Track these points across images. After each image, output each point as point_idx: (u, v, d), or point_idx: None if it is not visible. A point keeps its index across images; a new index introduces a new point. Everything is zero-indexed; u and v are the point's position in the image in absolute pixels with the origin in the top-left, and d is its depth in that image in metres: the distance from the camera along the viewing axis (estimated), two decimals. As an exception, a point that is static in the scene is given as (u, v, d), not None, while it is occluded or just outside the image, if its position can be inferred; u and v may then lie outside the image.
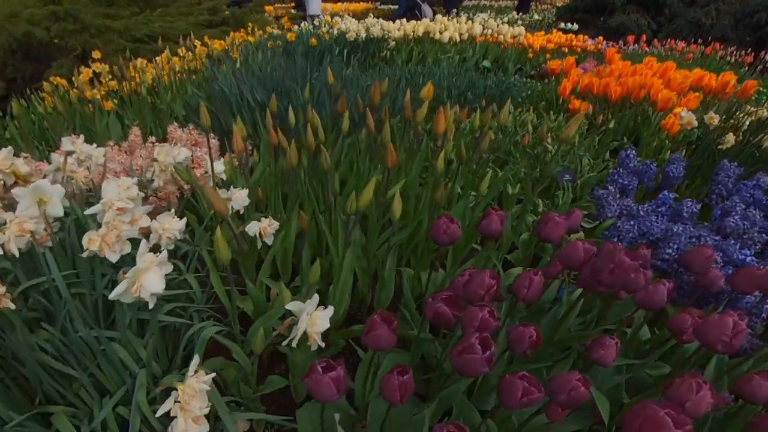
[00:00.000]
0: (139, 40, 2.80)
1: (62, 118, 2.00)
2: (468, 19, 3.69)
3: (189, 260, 1.17)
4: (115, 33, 2.57)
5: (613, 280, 0.73)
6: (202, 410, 0.69)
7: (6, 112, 2.14)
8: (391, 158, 1.02)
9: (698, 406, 0.64)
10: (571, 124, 1.06)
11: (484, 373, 0.63)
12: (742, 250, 1.23)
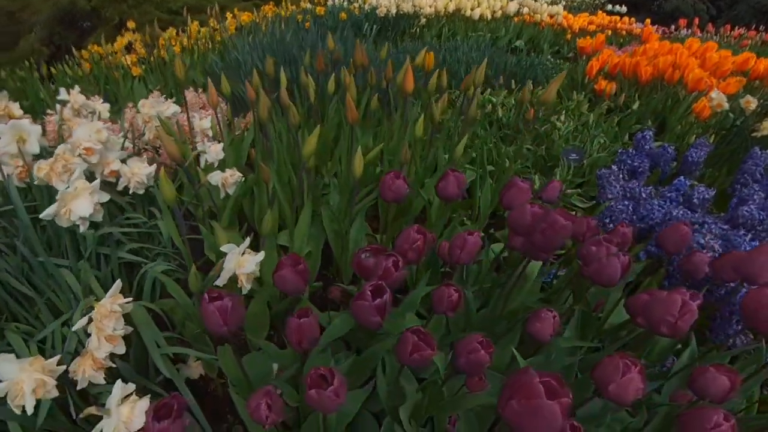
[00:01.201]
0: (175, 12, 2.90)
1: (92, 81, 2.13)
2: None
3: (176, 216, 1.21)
4: (151, 4, 2.69)
5: (544, 240, 0.66)
6: (116, 331, 0.70)
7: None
8: (351, 115, 0.99)
9: (624, 390, 0.58)
10: (551, 86, 0.98)
11: (377, 324, 0.60)
12: (752, 241, 1.10)
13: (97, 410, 0.61)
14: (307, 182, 1.01)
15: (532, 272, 0.90)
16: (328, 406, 0.53)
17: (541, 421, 0.43)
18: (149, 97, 1.65)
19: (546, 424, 0.43)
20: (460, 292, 0.68)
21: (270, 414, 0.58)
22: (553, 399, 0.42)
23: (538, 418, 0.43)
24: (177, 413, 0.57)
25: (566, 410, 0.43)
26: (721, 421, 0.53)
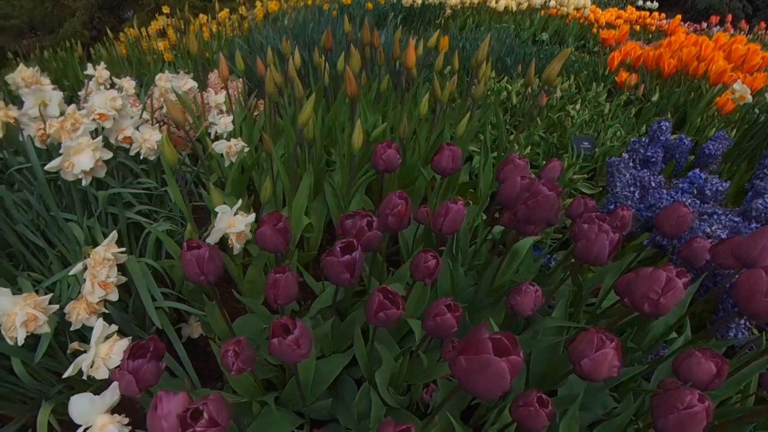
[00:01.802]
0: (212, 0, 2.95)
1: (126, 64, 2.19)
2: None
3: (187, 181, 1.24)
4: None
5: (527, 211, 0.63)
6: (109, 278, 0.72)
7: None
8: (351, 88, 0.97)
9: (597, 366, 0.54)
10: (553, 63, 0.93)
11: (346, 281, 0.58)
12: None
13: (79, 346, 0.62)
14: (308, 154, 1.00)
15: (522, 248, 0.86)
16: (289, 355, 0.52)
17: (489, 378, 0.41)
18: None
19: (493, 381, 0.41)
20: (438, 258, 0.66)
21: (236, 361, 0.57)
22: (502, 356, 0.40)
23: (485, 374, 0.41)
24: (153, 354, 0.58)
25: (516, 369, 0.41)
26: (694, 402, 0.48)
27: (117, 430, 0.56)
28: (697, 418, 0.48)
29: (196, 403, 0.51)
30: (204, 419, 0.49)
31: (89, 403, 0.57)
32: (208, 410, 0.50)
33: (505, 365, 0.39)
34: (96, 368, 0.60)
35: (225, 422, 0.52)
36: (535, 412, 0.55)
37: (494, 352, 0.39)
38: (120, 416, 0.58)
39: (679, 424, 0.49)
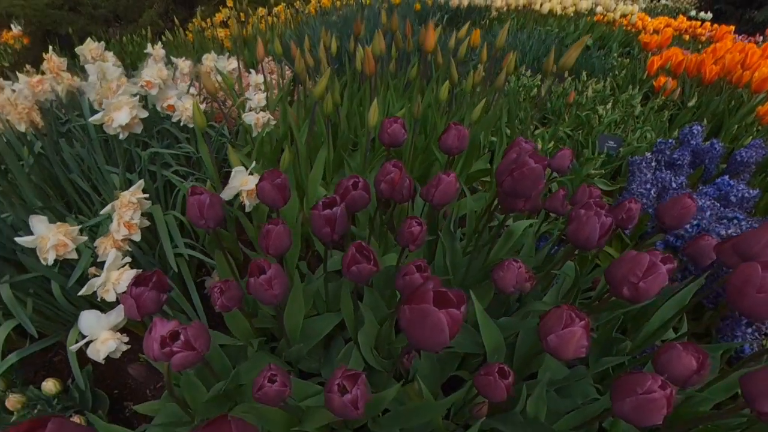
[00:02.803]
0: (272, -5, 3.04)
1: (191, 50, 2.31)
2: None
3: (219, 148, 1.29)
4: (250, -14, 2.83)
5: (513, 183, 0.60)
6: (133, 220, 0.76)
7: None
8: (369, 66, 0.96)
9: (564, 343, 0.51)
10: (570, 51, 0.87)
11: (327, 235, 0.58)
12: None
13: (95, 270, 0.66)
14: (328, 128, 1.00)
15: (516, 230, 0.82)
16: (261, 294, 0.53)
17: (428, 329, 0.39)
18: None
19: (432, 333, 0.39)
20: (422, 226, 0.64)
21: (221, 298, 0.59)
22: (442, 308, 0.38)
23: (424, 325, 0.39)
24: (154, 285, 0.61)
25: (456, 323, 0.39)
26: (654, 387, 0.44)
27: (116, 344, 0.60)
28: (655, 404, 0.43)
29: (177, 327, 0.53)
30: (180, 341, 0.52)
31: (96, 319, 0.61)
32: (185, 334, 0.52)
33: (443, 317, 0.37)
34: (106, 291, 0.64)
35: (201, 348, 0.53)
36: (494, 382, 0.53)
37: (435, 304, 0.38)
38: (121, 335, 0.61)
39: (636, 408, 0.44)
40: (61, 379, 0.85)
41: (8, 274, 0.79)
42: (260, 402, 0.45)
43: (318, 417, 0.58)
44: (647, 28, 2.78)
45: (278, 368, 0.46)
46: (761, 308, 0.51)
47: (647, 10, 3.83)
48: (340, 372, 0.44)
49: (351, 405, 0.42)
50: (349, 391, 0.43)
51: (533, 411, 0.60)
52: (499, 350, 0.67)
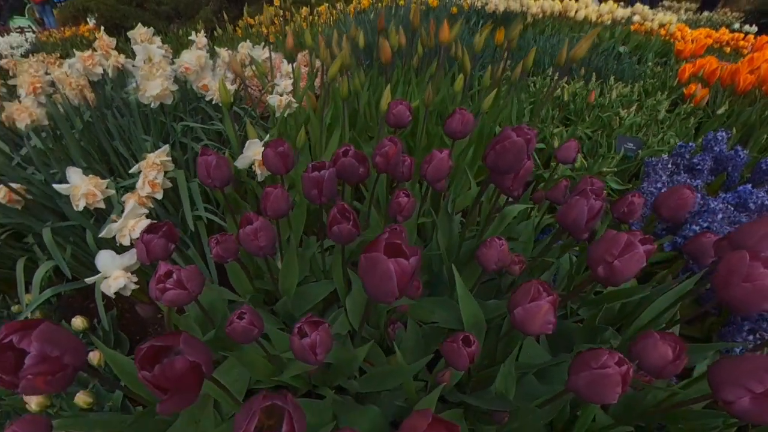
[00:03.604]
0: (317, -4, 3.10)
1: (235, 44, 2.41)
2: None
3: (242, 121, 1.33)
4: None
5: (495, 157, 0.58)
6: (157, 179, 0.80)
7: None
8: (385, 55, 0.97)
9: (529, 317, 0.48)
10: (581, 43, 0.84)
11: (315, 196, 0.59)
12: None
13: (115, 218, 0.71)
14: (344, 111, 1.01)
15: (509, 213, 0.80)
16: (248, 244, 0.55)
17: (378, 277, 0.38)
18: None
19: (382, 281, 0.38)
20: (410, 198, 0.64)
21: (216, 248, 0.61)
22: (391, 257, 0.37)
23: (375, 273, 0.38)
24: (164, 234, 0.64)
25: (405, 273, 0.38)
26: (609, 363, 0.41)
27: (125, 282, 0.63)
28: (610, 379, 0.40)
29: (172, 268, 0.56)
30: (173, 279, 0.54)
31: (111, 259, 0.65)
32: (178, 274, 0.54)
33: (391, 266, 0.37)
34: (123, 236, 0.68)
35: (193, 289, 0.56)
36: (457, 349, 0.51)
37: (386, 254, 0.37)
38: (131, 274, 0.65)
39: (590, 383, 0.42)
40: (91, 320, 0.92)
41: (50, 221, 0.86)
42: (230, 336, 0.47)
43: (294, 367, 0.59)
44: (686, 38, 2.59)
45: (250, 309, 0.48)
46: (748, 298, 0.47)
47: (689, 22, 3.56)
48: (305, 318, 0.45)
49: (309, 349, 0.43)
50: (309, 335, 0.43)
51: (502, 387, 0.58)
52: (478, 326, 0.66)
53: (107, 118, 1.06)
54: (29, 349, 0.36)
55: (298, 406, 0.30)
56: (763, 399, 0.35)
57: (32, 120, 0.84)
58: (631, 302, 0.82)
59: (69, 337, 0.40)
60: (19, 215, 0.84)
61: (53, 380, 0.37)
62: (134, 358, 0.33)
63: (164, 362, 0.31)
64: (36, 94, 0.90)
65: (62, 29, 3.14)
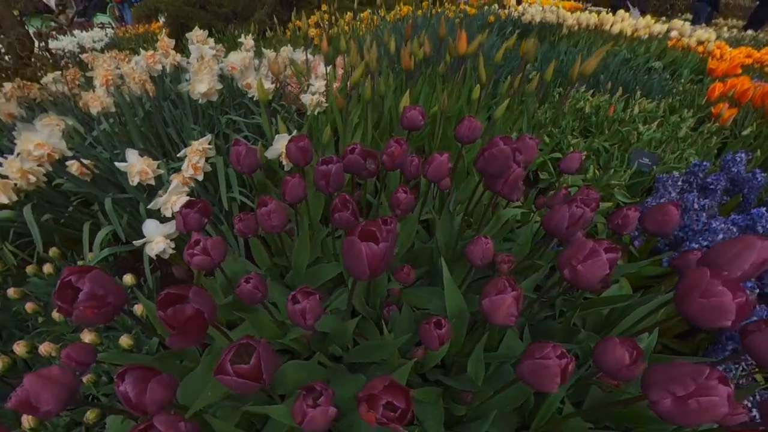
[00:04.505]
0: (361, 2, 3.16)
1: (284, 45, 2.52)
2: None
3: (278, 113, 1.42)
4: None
5: (484, 163, 0.61)
6: (199, 163, 0.89)
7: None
8: (405, 62, 1.00)
9: (494, 308, 0.51)
10: (590, 61, 0.84)
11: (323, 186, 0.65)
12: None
13: (162, 193, 0.80)
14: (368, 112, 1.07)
15: (504, 216, 0.82)
16: (264, 222, 0.61)
17: (353, 257, 0.43)
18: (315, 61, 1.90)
19: (356, 260, 0.43)
20: (408, 193, 0.68)
21: (239, 224, 0.68)
22: (363, 241, 0.42)
23: (351, 254, 0.43)
24: (198, 210, 0.72)
25: (374, 256, 0.42)
26: (551, 355, 0.43)
27: (164, 246, 0.72)
28: (549, 370, 0.43)
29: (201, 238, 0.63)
30: (200, 247, 0.62)
31: (155, 227, 0.74)
32: (204, 243, 0.62)
33: (363, 248, 0.41)
34: (166, 208, 0.77)
35: (216, 257, 0.63)
36: (429, 330, 0.55)
37: (360, 238, 0.42)
38: (170, 241, 0.74)
39: (532, 371, 0.44)
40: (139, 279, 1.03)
41: (112, 192, 0.97)
42: (239, 296, 0.54)
43: (294, 331, 0.65)
44: (724, 56, 2.42)
45: (256, 276, 0.54)
46: (704, 314, 0.48)
47: (731, 41, 3.29)
48: (299, 288, 0.51)
49: (300, 314, 0.49)
50: (300, 302, 0.49)
51: (472, 371, 0.61)
52: (461, 315, 0.69)
53: (164, 109, 1.17)
54: (83, 287, 0.44)
55: (267, 348, 0.36)
56: (682, 402, 0.36)
57: (102, 107, 0.96)
58: (618, 308, 0.82)
59: (113, 283, 0.48)
60: (87, 186, 0.95)
61: (98, 313, 0.45)
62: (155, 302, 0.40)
63: (176, 306, 0.38)
64: (107, 86, 1.01)
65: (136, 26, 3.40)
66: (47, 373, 0.45)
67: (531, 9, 2.93)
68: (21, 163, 0.76)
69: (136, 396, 0.41)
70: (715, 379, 0.36)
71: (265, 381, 0.35)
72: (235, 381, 0.34)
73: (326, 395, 0.40)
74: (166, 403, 0.43)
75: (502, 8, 3.28)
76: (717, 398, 0.35)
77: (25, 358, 0.75)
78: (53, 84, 1.20)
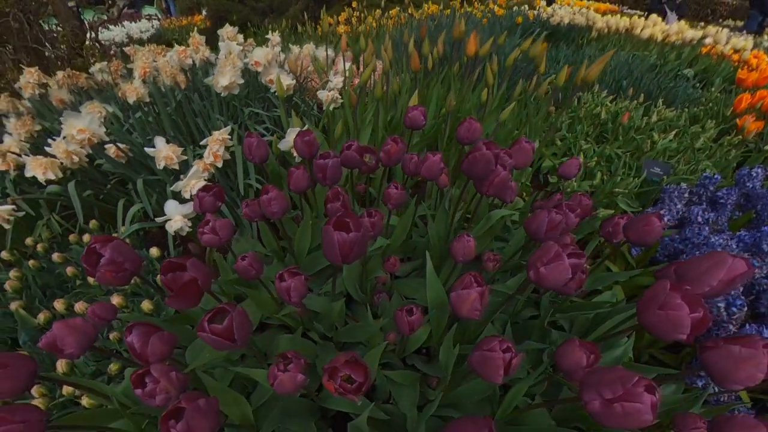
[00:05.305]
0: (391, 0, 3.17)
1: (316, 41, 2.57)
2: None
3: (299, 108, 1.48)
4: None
5: (468, 165, 0.64)
6: (219, 151, 0.96)
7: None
8: (414, 63, 1.03)
9: (460, 302, 0.54)
10: (594, 66, 0.84)
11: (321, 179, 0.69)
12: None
13: (183, 176, 0.87)
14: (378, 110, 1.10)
15: (493, 217, 0.84)
16: (266, 208, 0.67)
17: (327, 243, 0.48)
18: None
19: (329, 247, 0.48)
20: (399, 189, 0.71)
21: (246, 209, 0.74)
22: (337, 230, 0.47)
23: (326, 240, 0.48)
24: (213, 194, 0.78)
25: (347, 244, 0.46)
26: (496, 347, 0.45)
27: (182, 224, 0.80)
28: (493, 362, 0.45)
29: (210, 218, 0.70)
30: (209, 227, 0.68)
31: (174, 206, 0.81)
32: (213, 224, 0.68)
33: (335, 236, 0.46)
34: (186, 191, 0.84)
35: (223, 236, 0.69)
36: (402, 317, 0.59)
37: (334, 227, 0.47)
38: (187, 220, 0.81)
39: (480, 362, 0.47)
40: (164, 251, 1.12)
41: (143, 174, 1.07)
42: (237, 272, 0.60)
43: (288, 307, 0.71)
44: (760, 66, 2.25)
45: (253, 255, 0.60)
46: (660, 325, 0.48)
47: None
48: (288, 268, 0.56)
49: (285, 291, 0.54)
50: (286, 280, 0.54)
51: (443, 359, 0.65)
52: (442, 307, 0.72)
53: (192, 100, 1.25)
54: (104, 254, 0.51)
55: (242, 315, 0.41)
56: (608, 405, 0.38)
57: (138, 97, 1.05)
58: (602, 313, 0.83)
59: (131, 252, 0.55)
60: (122, 168, 1.05)
61: (117, 276, 0.52)
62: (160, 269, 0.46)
63: (176, 273, 0.44)
64: (144, 77, 1.10)
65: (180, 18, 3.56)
66: (72, 323, 0.52)
67: (560, 10, 2.84)
68: (66, 145, 0.86)
69: (140, 347, 0.48)
70: (642, 386, 0.37)
71: (237, 342, 0.40)
72: (210, 338, 0.40)
73: (296, 363, 0.45)
74: (165, 355, 0.50)
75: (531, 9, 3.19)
76: (640, 405, 0.36)
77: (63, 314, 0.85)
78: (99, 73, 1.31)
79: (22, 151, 1.04)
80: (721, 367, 0.46)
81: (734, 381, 0.45)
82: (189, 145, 1.22)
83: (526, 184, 1.35)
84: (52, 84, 1.22)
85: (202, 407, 0.38)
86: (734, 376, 0.45)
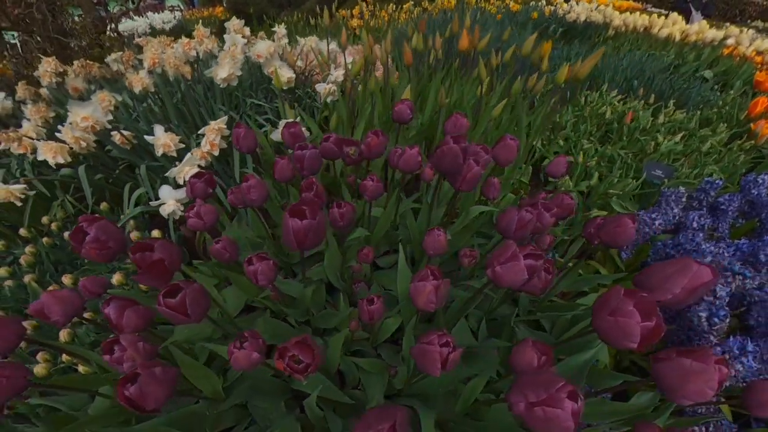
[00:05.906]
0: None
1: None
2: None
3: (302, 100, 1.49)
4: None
5: (437, 159, 0.64)
6: (215, 140, 0.99)
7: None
8: (406, 57, 1.03)
9: (417, 293, 0.54)
10: (586, 63, 0.83)
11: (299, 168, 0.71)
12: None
13: (178, 164, 0.91)
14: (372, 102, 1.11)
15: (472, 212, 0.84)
16: (246, 195, 0.69)
17: (284, 229, 0.50)
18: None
19: (285, 233, 0.50)
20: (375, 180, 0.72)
21: (230, 196, 0.77)
22: (292, 217, 0.48)
23: (284, 226, 0.50)
24: (204, 181, 0.81)
25: (301, 231, 0.48)
26: (434, 342, 0.45)
27: (174, 208, 0.83)
28: (431, 355, 0.45)
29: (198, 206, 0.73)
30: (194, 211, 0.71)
31: (168, 191, 0.85)
32: (198, 208, 0.71)
33: (290, 223, 0.48)
34: (179, 177, 0.88)
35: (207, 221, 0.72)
36: (362, 306, 0.60)
37: (290, 214, 0.48)
38: (180, 205, 0.85)
39: (419, 354, 0.47)
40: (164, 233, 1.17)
41: (147, 160, 1.11)
42: (214, 256, 0.62)
43: (265, 291, 0.73)
44: None
45: (227, 239, 0.62)
46: (610, 332, 0.46)
47: None
48: (257, 254, 0.58)
49: (252, 274, 0.56)
50: (254, 264, 0.56)
51: (406, 349, 0.66)
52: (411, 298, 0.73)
53: (196, 91, 1.29)
54: (90, 232, 0.55)
55: (198, 292, 0.43)
56: (531, 407, 0.37)
57: (143, 87, 1.09)
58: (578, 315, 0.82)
59: (116, 232, 0.58)
60: (128, 154, 1.10)
61: (100, 253, 0.56)
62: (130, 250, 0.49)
63: (145, 252, 0.47)
64: (153, 68, 1.15)
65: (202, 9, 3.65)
66: (59, 294, 0.56)
67: (577, 7, 2.75)
68: (72, 131, 0.91)
69: (116, 318, 0.51)
70: (565, 392, 0.36)
71: (191, 317, 0.43)
72: (165, 311, 0.42)
73: (251, 342, 0.47)
74: (139, 328, 0.53)
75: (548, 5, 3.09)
76: (560, 411, 0.35)
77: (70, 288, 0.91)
78: (114, 63, 1.36)
79: (39, 135, 1.10)
80: (670, 380, 0.44)
81: (683, 396, 0.43)
82: (192, 134, 1.26)
83: (524, 181, 1.33)
84: (70, 73, 1.28)
85: (158, 374, 0.41)
86: (683, 391, 0.43)
